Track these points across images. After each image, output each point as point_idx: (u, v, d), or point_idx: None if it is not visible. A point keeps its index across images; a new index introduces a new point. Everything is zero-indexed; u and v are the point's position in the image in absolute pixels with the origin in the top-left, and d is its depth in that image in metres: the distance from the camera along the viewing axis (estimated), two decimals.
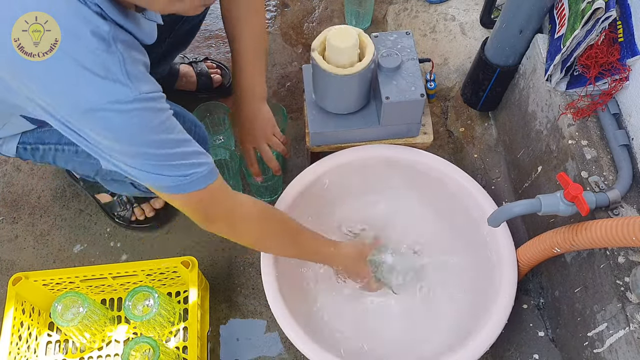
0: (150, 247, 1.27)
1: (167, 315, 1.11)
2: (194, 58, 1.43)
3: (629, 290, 0.86)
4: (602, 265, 0.91)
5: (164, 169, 0.75)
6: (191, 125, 1.01)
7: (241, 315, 1.19)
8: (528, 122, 1.16)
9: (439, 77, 1.43)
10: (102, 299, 1.19)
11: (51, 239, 1.29)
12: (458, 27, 1.50)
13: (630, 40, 0.89)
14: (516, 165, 1.25)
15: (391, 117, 1.10)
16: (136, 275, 1.12)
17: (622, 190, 0.90)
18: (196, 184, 0.78)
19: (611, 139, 0.96)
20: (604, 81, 0.95)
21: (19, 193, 1.34)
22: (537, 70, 1.09)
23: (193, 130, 1.01)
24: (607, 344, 0.90)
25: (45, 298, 1.14)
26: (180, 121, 0.98)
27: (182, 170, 0.76)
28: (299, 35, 1.55)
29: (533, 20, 1.06)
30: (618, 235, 0.79)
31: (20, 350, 1.07)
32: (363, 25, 1.53)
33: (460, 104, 1.40)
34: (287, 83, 1.47)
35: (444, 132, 1.39)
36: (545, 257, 1.00)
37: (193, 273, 1.09)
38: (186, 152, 0.77)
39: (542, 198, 0.88)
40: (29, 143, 0.98)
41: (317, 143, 1.16)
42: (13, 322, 1.06)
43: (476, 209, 1.09)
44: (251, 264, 1.24)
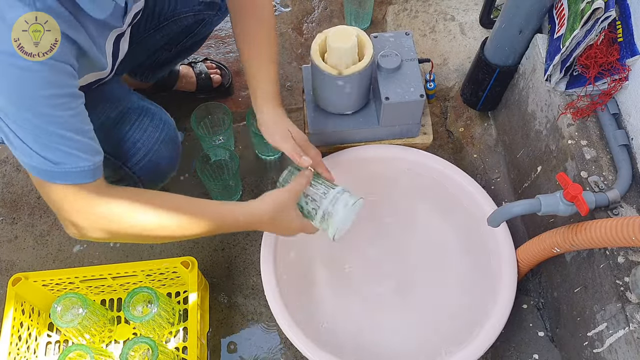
0: (150, 247, 1.27)
1: (167, 316, 1.11)
2: (194, 59, 1.43)
3: (629, 290, 0.86)
4: (602, 265, 0.91)
5: (41, 147, 0.72)
6: (159, 123, 1.00)
7: (241, 315, 1.19)
8: (527, 122, 1.16)
9: (439, 77, 1.43)
10: (101, 299, 1.19)
11: (51, 239, 1.29)
12: (457, 27, 1.50)
13: (629, 40, 0.89)
14: (516, 165, 1.25)
15: (391, 118, 1.10)
16: (136, 276, 1.11)
17: (622, 190, 0.91)
18: (66, 177, 0.75)
19: (611, 139, 0.96)
20: (603, 81, 0.95)
21: (19, 193, 1.34)
22: (536, 70, 1.09)
23: (160, 127, 1.00)
24: (606, 343, 0.90)
25: (45, 298, 1.14)
26: (147, 118, 0.98)
27: (60, 157, 0.73)
28: (298, 36, 1.55)
29: (532, 20, 1.06)
30: (618, 235, 0.79)
31: (20, 350, 1.07)
32: (362, 26, 1.53)
33: (459, 104, 1.40)
34: (287, 83, 1.47)
35: (443, 132, 1.39)
36: (545, 257, 1.00)
37: (193, 273, 1.09)
38: (74, 140, 0.74)
39: (541, 198, 0.88)
40: None
41: (317, 143, 1.15)
42: (13, 322, 1.06)
43: (476, 209, 1.10)
44: (251, 264, 1.24)
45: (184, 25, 1.12)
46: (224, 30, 1.55)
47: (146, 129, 0.93)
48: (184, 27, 1.13)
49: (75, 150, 0.75)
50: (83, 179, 0.77)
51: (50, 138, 0.72)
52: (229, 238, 1.27)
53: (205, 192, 1.32)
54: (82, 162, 0.76)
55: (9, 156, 1.39)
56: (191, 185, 1.33)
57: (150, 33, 1.10)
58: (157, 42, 1.14)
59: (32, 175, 0.76)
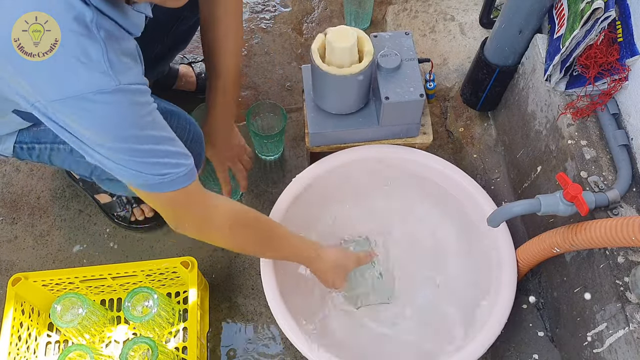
0: (149, 247, 1.27)
1: (167, 316, 1.11)
2: (193, 58, 1.43)
3: (629, 290, 0.86)
4: (602, 265, 0.91)
5: (141, 166, 0.74)
6: (186, 123, 1.01)
7: (241, 315, 1.19)
8: (527, 122, 1.16)
9: (439, 77, 1.43)
10: (101, 299, 1.19)
11: (51, 239, 1.29)
12: (457, 27, 1.50)
13: (629, 40, 0.89)
14: (516, 165, 1.25)
15: (390, 118, 1.10)
16: (136, 276, 1.11)
17: (622, 190, 0.90)
18: (172, 185, 0.77)
19: (610, 139, 0.96)
20: (603, 81, 0.95)
21: (19, 193, 1.34)
22: (536, 70, 1.09)
23: (187, 128, 1.01)
24: (606, 343, 0.90)
25: (44, 298, 1.14)
26: (175, 120, 0.98)
27: (160, 169, 0.75)
28: (298, 36, 1.55)
29: (532, 20, 1.06)
30: (617, 235, 0.79)
31: (20, 350, 1.07)
32: (362, 26, 1.53)
33: (459, 104, 1.40)
34: (287, 83, 1.47)
35: (443, 132, 1.39)
36: (545, 257, 1.00)
37: (193, 273, 1.09)
38: (167, 151, 0.76)
39: (541, 198, 0.88)
40: (25, 142, 0.98)
41: (317, 143, 1.15)
42: (12, 322, 1.06)
43: (476, 209, 1.09)
44: (251, 264, 1.24)
45: (169, 10, 1.11)
46: None
47: (175, 131, 0.94)
48: (171, 10, 1.12)
49: (175, 158, 0.77)
50: (189, 179, 0.79)
51: (150, 155, 0.74)
52: None
53: None
54: (181, 168, 0.78)
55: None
56: None
57: None
58: (147, 31, 1.12)
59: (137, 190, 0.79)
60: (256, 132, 1.25)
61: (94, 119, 0.69)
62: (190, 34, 1.27)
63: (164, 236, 1.28)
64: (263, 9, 1.58)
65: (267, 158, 1.36)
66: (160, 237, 1.28)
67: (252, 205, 1.29)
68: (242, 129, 1.39)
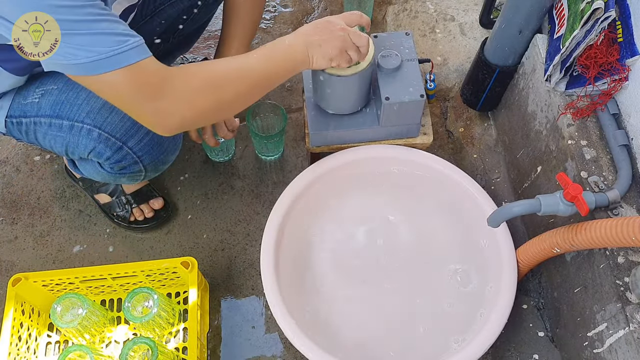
0: (149, 247, 1.27)
1: (167, 316, 1.11)
2: (193, 59, 1.43)
3: (629, 290, 0.86)
4: (602, 266, 0.91)
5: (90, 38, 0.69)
6: None
7: (241, 315, 1.19)
8: (527, 122, 1.16)
9: (439, 77, 1.43)
10: (101, 299, 1.19)
11: (51, 239, 1.29)
12: (457, 27, 1.50)
13: (629, 40, 0.89)
14: (516, 166, 1.25)
15: (391, 118, 1.10)
16: (136, 276, 1.11)
17: (622, 190, 0.91)
18: (129, 56, 0.72)
19: (610, 139, 0.96)
20: (603, 81, 0.95)
21: (19, 194, 1.34)
22: (536, 71, 1.09)
23: None
24: (606, 344, 0.90)
25: (44, 299, 1.14)
26: None
27: (112, 41, 0.70)
28: None
29: (532, 21, 1.06)
30: (618, 236, 0.79)
31: (20, 351, 1.07)
32: None
33: (459, 104, 1.40)
34: (287, 83, 1.47)
35: (443, 133, 1.39)
36: (545, 257, 1.00)
37: (193, 273, 1.09)
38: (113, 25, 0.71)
39: (541, 198, 0.88)
40: (14, 116, 0.97)
41: (317, 144, 1.16)
42: (13, 322, 1.06)
43: (476, 209, 1.10)
44: (251, 264, 1.24)
45: (180, 8, 1.12)
46: None
47: None
48: (180, 10, 1.12)
49: (125, 32, 0.72)
50: (143, 53, 0.73)
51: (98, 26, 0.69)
52: (229, 238, 1.27)
53: (205, 192, 1.32)
54: (136, 38, 0.72)
55: (8, 156, 1.39)
56: (191, 185, 1.33)
57: (147, 20, 1.09)
58: (155, 29, 1.12)
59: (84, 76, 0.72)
60: (256, 132, 1.25)
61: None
62: (196, 35, 1.27)
63: (164, 236, 1.28)
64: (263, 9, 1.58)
65: (267, 158, 1.36)
66: (160, 237, 1.28)
67: (252, 205, 1.31)
68: (243, 129, 1.39)
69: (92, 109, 0.92)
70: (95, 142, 0.94)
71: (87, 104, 0.92)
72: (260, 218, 1.28)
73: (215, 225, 1.29)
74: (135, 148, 0.96)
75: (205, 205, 1.31)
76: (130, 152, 0.96)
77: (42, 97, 0.94)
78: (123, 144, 0.95)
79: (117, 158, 0.96)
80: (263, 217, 1.24)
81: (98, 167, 1.02)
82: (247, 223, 1.28)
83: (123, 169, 0.99)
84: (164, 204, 1.28)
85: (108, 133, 0.92)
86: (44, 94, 0.94)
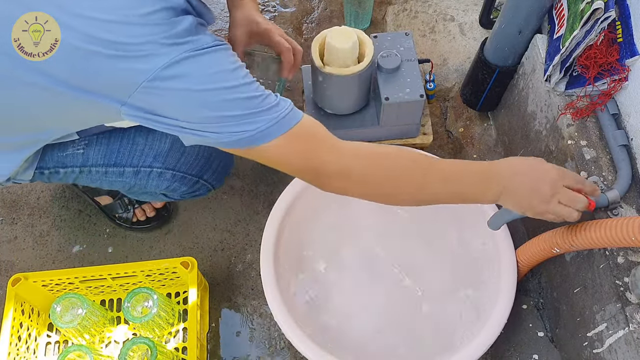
0: (149, 247, 1.27)
1: (167, 316, 1.11)
2: None
3: (629, 291, 0.86)
4: (602, 266, 0.91)
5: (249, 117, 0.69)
6: None
7: (241, 315, 1.19)
8: (527, 122, 1.16)
9: (439, 77, 1.43)
10: (101, 299, 1.19)
11: (50, 239, 1.29)
12: (457, 27, 1.50)
13: (629, 40, 0.89)
14: None
15: (391, 118, 1.10)
16: (135, 276, 1.11)
17: (622, 191, 0.90)
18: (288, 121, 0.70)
19: (610, 139, 0.96)
20: (603, 81, 0.95)
21: (18, 194, 1.34)
22: (536, 71, 1.09)
23: None
24: (606, 344, 0.90)
25: (44, 299, 1.14)
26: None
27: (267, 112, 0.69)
28: (298, 36, 1.55)
29: (532, 21, 1.06)
30: (618, 236, 0.79)
31: (20, 351, 1.07)
32: (362, 26, 1.53)
33: (459, 104, 1.40)
34: (287, 83, 1.47)
35: (443, 133, 1.39)
36: (545, 257, 1.00)
37: (192, 274, 1.09)
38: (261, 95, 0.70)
39: None
40: (47, 167, 0.95)
41: None
42: (12, 322, 1.06)
43: (476, 210, 1.09)
44: (250, 264, 1.24)
45: None
46: (224, 31, 1.55)
47: None
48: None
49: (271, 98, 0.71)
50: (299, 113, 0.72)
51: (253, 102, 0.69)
52: (228, 238, 1.27)
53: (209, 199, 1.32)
54: (287, 103, 0.72)
55: None
56: None
57: None
58: None
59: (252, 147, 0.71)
60: None
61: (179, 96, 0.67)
62: None
63: (163, 236, 1.28)
64: (263, 9, 1.58)
65: None
66: (160, 238, 1.28)
67: (251, 206, 1.31)
68: None
69: (159, 153, 0.95)
70: (169, 181, 0.98)
71: (151, 150, 0.95)
72: (260, 218, 1.28)
73: (215, 226, 1.29)
74: (210, 179, 1.03)
75: (205, 205, 1.31)
76: (206, 183, 1.03)
77: (87, 147, 0.94)
78: (199, 178, 1.01)
79: (191, 190, 1.03)
80: (263, 217, 1.24)
81: (162, 196, 1.07)
82: (247, 223, 1.28)
83: (194, 195, 1.05)
84: (165, 202, 1.28)
85: (183, 172, 0.97)
86: (88, 144, 0.94)
